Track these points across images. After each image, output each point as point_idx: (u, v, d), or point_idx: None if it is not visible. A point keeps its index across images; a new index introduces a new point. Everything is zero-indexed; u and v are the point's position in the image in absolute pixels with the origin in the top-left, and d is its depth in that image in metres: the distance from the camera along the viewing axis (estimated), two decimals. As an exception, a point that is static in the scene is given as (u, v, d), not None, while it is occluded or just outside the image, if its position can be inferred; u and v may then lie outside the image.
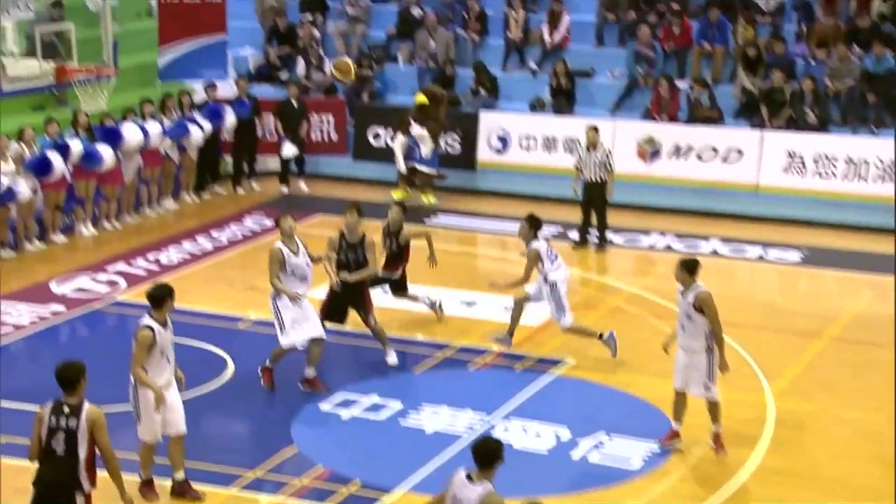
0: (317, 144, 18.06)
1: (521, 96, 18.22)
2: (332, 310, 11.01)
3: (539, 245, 11.31)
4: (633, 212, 16.28)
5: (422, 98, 16.79)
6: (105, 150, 14.74)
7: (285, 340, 10.38)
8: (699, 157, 16.90)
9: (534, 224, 11.34)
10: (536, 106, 17.99)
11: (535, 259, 11.29)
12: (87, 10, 11.39)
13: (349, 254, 10.82)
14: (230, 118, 16.81)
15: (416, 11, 19.07)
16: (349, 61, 13.79)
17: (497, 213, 16.35)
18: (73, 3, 12.63)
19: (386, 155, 17.36)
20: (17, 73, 10.57)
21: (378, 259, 11.15)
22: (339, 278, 10.79)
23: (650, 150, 17.05)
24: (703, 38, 17.97)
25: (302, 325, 10.32)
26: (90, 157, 14.61)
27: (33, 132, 14.23)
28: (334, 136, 18.29)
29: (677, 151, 16.98)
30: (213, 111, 16.66)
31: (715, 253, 15.02)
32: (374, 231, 11.55)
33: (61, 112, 15.62)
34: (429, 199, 16.86)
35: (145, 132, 15.32)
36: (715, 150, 16.84)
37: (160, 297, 8.47)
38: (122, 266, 13.88)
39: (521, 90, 18.28)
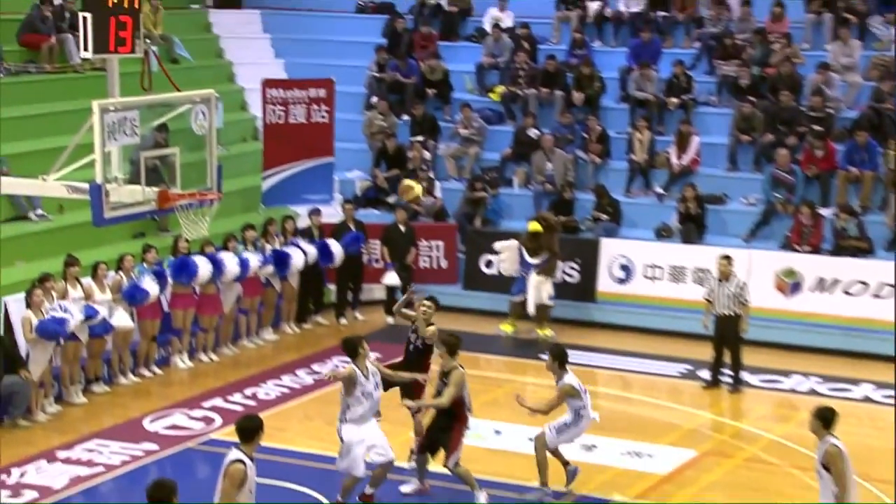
0: (425, 272, 18.36)
1: (645, 222, 18.31)
2: (426, 441, 11.42)
3: (571, 380, 11.32)
4: (771, 350, 16.01)
5: (535, 226, 16.99)
6: (203, 265, 15.21)
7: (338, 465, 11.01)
8: (846, 292, 16.60)
9: (558, 357, 11.35)
10: (663, 233, 18.04)
11: (566, 395, 11.28)
12: (191, 133, 11.92)
13: (437, 383, 11.31)
14: (338, 255, 17.17)
15: (532, 132, 19.47)
16: (411, 183, 14.00)
17: (618, 348, 16.25)
18: (177, 127, 13.27)
19: (499, 284, 17.52)
20: (120, 198, 11.06)
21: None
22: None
23: (790, 283, 16.85)
24: (849, 163, 17.85)
25: (350, 455, 10.77)
26: (185, 266, 15.11)
27: (133, 260, 14.79)
28: (444, 264, 18.60)
29: (821, 285, 16.73)
30: (322, 250, 16.95)
31: (867, 399, 14.63)
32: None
33: (161, 239, 16.30)
34: (545, 332, 16.89)
35: (244, 263, 15.80)
36: (864, 283, 16.54)
37: (252, 431, 8.65)
38: (217, 401, 14.17)
39: (646, 216, 18.39)
